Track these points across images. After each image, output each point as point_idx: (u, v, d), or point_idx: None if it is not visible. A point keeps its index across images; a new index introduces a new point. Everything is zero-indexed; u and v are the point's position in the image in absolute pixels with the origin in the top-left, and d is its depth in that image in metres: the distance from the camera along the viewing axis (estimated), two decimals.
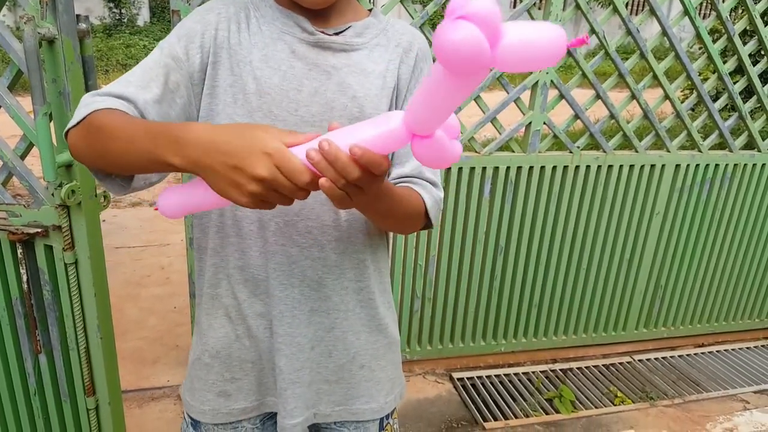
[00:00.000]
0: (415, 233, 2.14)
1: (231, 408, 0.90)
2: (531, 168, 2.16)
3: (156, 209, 0.72)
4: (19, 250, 1.34)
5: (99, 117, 0.69)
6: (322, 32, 0.80)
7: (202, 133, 0.62)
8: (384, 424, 0.97)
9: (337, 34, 0.81)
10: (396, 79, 0.84)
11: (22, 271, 1.36)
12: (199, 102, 0.80)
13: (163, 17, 12.43)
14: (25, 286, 1.37)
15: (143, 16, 12.51)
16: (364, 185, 0.61)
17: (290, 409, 0.87)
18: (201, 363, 0.90)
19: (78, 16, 1.22)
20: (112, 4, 11.92)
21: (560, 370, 2.47)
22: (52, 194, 1.28)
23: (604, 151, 2.24)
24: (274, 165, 0.58)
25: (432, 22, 1.82)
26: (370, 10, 0.87)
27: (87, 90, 1.28)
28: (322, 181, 0.59)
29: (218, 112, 0.79)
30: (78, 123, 0.71)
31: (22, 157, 1.30)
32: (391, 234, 0.94)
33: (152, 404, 2.10)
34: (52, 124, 1.24)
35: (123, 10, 12.06)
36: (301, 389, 0.87)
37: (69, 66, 1.20)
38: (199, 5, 1.69)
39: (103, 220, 3.58)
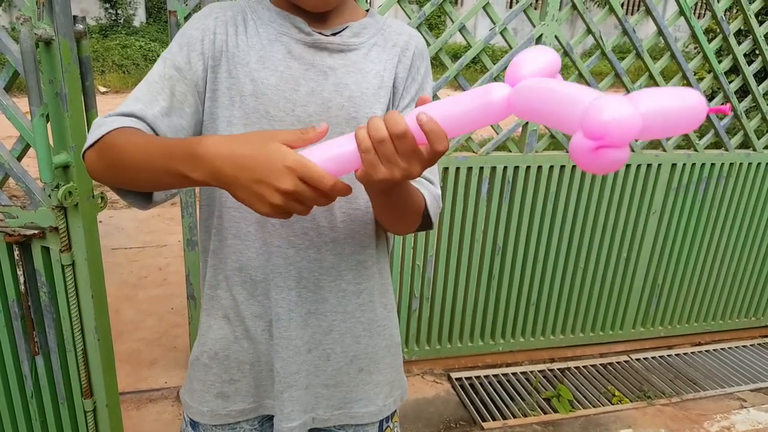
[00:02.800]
0: (414, 233, 2.14)
1: (229, 409, 0.90)
2: (528, 168, 2.16)
3: None
4: (16, 252, 1.34)
5: (113, 138, 0.70)
6: (320, 33, 0.80)
7: (218, 146, 0.62)
8: (383, 428, 0.96)
9: (334, 34, 0.81)
10: (393, 78, 0.84)
11: (19, 272, 1.35)
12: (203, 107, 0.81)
13: (160, 18, 12.40)
14: (22, 287, 1.36)
15: (139, 17, 12.48)
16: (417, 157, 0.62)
17: (287, 412, 0.87)
18: (200, 364, 0.90)
19: (75, 17, 1.22)
20: (108, 5, 11.90)
21: (558, 369, 2.48)
22: (49, 195, 1.28)
23: None
24: (298, 177, 0.59)
25: (428, 22, 1.82)
26: (367, 11, 0.87)
27: (84, 91, 1.28)
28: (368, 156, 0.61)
29: (218, 115, 0.80)
30: (92, 145, 0.72)
31: (19, 158, 1.30)
32: (391, 234, 0.94)
33: (150, 406, 2.10)
34: (49, 125, 1.23)
35: (119, 11, 12.03)
36: (298, 392, 0.87)
37: (66, 67, 1.20)
38: (196, 6, 1.71)
39: (100, 221, 3.57)
